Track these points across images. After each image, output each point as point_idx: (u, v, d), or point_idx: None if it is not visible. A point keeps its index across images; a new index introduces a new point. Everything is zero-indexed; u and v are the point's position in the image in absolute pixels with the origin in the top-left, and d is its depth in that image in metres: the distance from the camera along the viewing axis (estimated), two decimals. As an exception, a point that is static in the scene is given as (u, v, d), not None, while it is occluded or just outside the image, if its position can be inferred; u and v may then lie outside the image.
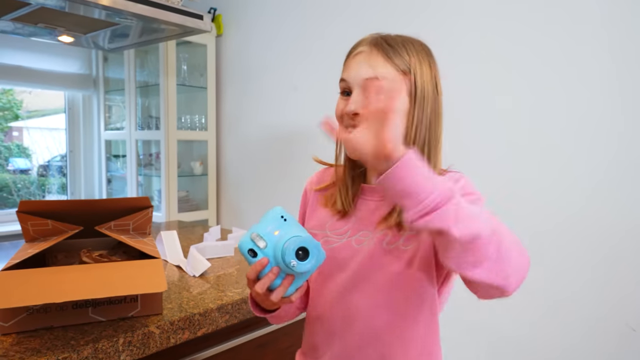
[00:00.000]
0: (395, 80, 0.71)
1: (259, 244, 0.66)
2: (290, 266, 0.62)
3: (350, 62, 0.76)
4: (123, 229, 1.05)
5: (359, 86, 0.73)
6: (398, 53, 0.72)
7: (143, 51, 2.73)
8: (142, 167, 2.78)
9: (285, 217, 0.68)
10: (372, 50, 0.73)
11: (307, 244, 0.62)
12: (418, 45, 0.75)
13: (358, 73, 0.73)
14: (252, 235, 0.66)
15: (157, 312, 0.94)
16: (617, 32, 1.44)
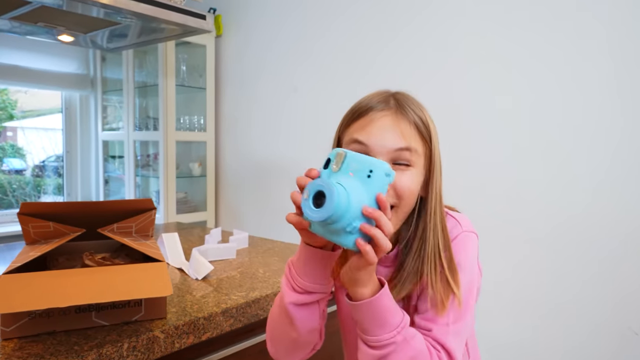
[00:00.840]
0: (419, 152, 0.67)
1: (335, 163, 0.58)
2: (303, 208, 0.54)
3: (373, 124, 0.67)
4: (126, 231, 1.04)
5: (384, 156, 0.66)
6: (419, 117, 0.68)
7: (142, 51, 2.71)
8: (139, 168, 2.75)
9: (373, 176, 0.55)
10: (399, 114, 0.67)
11: (327, 191, 0.52)
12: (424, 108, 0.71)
13: (384, 141, 0.66)
14: (343, 152, 0.58)
15: (161, 316, 0.92)
16: (618, 33, 1.44)
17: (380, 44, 2.00)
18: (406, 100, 0.70)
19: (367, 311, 0.60)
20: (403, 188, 0.65)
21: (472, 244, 0.71)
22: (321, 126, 2.24)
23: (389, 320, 0.61)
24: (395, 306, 0.62)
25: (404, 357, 0.61)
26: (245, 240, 1.58)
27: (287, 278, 0.70)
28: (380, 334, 0.61)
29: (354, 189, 0.54)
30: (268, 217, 2.49)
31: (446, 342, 0.65)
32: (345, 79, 2.13)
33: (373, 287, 0.61)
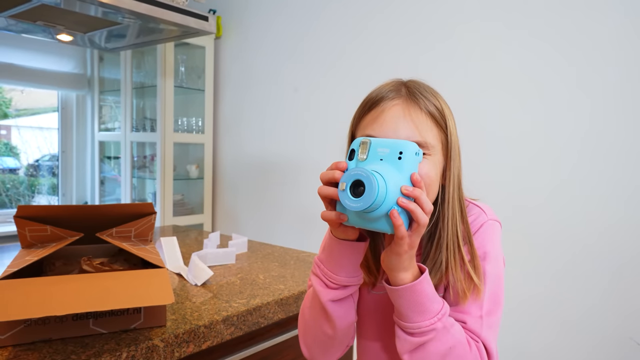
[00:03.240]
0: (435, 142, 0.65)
1: (361, 152, 0.57)
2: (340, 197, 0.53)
3: (384, 115, 0.66)
4: (125, 235, 1.01)
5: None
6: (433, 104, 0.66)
7: (140, 52, 2.68)
8: (136, 169, 2.73)
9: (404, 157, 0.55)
10: (410, 103, 0.65)
11: (365, 179, 0.51)
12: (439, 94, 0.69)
13: (397, 132, 0.64)
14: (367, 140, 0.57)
15: (161, 324, 0.90)
16: (628, 40, 1.44)
17: (381, 45, 1.99)
18: (418, 88, 0.68)
19: (408, 296, 0.60)
20: (423, 177, 0.63)
21: (498, 232, 0.70)
22: (322, 128, 2.22)
23: (429, 307, 0.60)
24: (435, 293, 0.61)
25: (444, 345, 0.60)
26: (244, 244, 1.56)
27: (318, 277, 0.69)
28: (420, 320, 0.60)
29: (388, 173, 0.53)
30: (266, 220, 2.47)
31: (481, 334, 0.64)
32: (345, 81, 2.11)
33: (414, 272, 0.60)
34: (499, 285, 0.68)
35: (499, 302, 0.67)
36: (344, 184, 0.53)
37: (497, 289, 0.68)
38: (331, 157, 2.19)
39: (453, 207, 0.66)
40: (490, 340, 0.65)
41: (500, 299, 0.68)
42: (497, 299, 0.67)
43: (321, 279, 0.68)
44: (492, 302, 0.67)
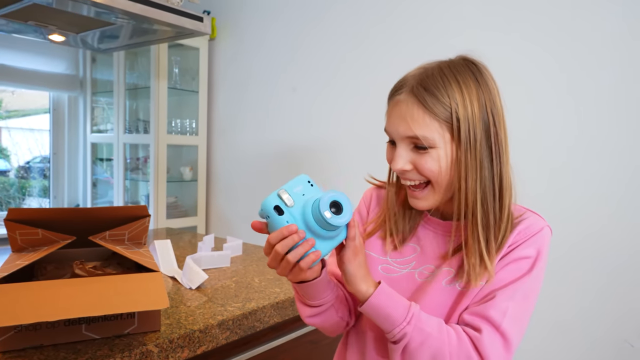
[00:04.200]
0: (435, 135, 0.66)
1: (287, 201, 0.62)
2: (324, 218, 0.60)
3: (391, 111, 0.71)
4: (118, 239, 1.00)
5: (402, 141, 0.69)
6: (438, 99, 0.65)
7: (133, 53, 2.66)
8: (129, 172, 2.70)
9: (312, 183, 0.66)
10: (409, 101, 0.67)
11: (340, 200, 0.61)
12: (465, 76, 0.67)
13: (398, 129, 0.69)
14: (280, 192, 0.63)
15: (155, 328, 0.88)
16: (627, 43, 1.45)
17: (377, 46, 1.98)
18: (429, 79, 0.67)
19: (371, 311, 0.66)
20: (424, 170, 0.68)
21: (550, 239, 0.72)
22: (317, 131, 2.22)
23: (393, 314, 0.65)
24: (397, 301, 0.66)
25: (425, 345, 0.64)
26: (239, 247, 1.54)
27: (295, 292, 0.75)
28: (389, 327, 0.65)
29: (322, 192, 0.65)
30: (260, 223, 2.45)
31: (502, 325, 0.64)
32: (343, 84, 2.11)
33: (371, 284, 0.67)
34: (537, 285, 0.69)
35: (532, 299, 0.68)
36: (327, 212, 0.61)
37: (535, 287, 0.68)
38: (328, 160, 2.19)
39: (468, 195, 0.67)
40: (512, 332, 0.65)
41: (533, 298, 0.69)
42: (531, 297, 0.68)
43: (298, 296, 0.75)
44: (525, 297, 0.67)
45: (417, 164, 0.68)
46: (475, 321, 0.66)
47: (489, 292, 0.67)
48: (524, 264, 0.68)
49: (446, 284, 0.71)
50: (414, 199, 0.71)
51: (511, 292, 0.66)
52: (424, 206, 0.71)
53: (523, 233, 0.69)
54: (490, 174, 0.67)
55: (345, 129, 2.10)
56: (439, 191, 0.69)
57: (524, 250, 0.68)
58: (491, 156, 0.67)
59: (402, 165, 0.69)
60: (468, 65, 0.69)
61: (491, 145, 0.67)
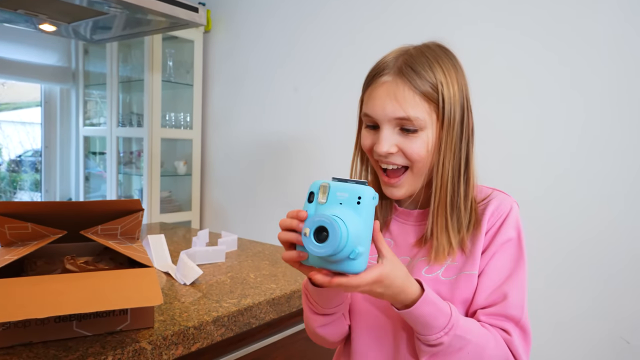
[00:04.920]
0: (425, 116, 0.66)
1: (321, 196, 0.59)
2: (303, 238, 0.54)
3: (374, 93, 0.68)
4: (110, 233, 0.97)
5: (389, 123, 0.67)
6: (426, 79, 0.65)
7: (126, 45, 2.62)
8: (122, 165, 2.67)
9: (362, 202, 0.56)
10: (398, 81, 0.66)
11: (329, 225, 0.52)
12: (444, 59, 0.68)
13: (384, 111, 0.66)
14: (326, 184, 0.58)
15: (149, 325, 0.86)
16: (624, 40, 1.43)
17: (373, 41, 1.96)
18: (415, 60, 0.67)
19: (409, 318, 0.63)
20: (412, 154, 0.67)
21: (519, 213, 0.72)
22: (313, 126, 2.19)
23: (433, 323, 0.62)
24: (440, 308, 0.62)
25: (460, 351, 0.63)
26: (234, 242, 1.52)
27: (307, 302, 0.73)
28: (427, 334, 0.63)
29: (348, 218, 0.55)
30: (255, 218, 2.43)
31: (521, 319, 0.67)
32: (341, 78, 2.08)
33: (411, 292, 0.61)
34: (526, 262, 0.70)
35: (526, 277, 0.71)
36: (307, 230, 0.54)
37: (526, 265, 0.70)
38: (325, 154, 2.17)
39: (443, 176, 0.67)
40: (527, 321, 0.68)
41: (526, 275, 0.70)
42: (526, 275, 0.70)
43: (309, 305, 0.73)
44: (524, 279, 0.69)
45: (404, 146, 0.67)
46: (500, 323, 0.67)
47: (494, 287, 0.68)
48: (510, 248, 0.69)
49: (426, 274, 0.70)
50: (391, 187, 0.70)
51: (516, 282, 0.68)
52: (401, 194, 0.70)
53: (495, 215, 0.70)
54: (459, 155, 0.68)
55: (341, 123, 2.08)
56: (417, 176, 0.69)
57: (505, 234, 0.69)
58: (461, 138, 0.68)
59: (387, 147, 0.67)
60: (444, 51, 0.70)
61: (463, 128, 0.68)
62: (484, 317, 0.67)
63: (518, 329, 0.67)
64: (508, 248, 0.69)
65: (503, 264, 0.69)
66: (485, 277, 0.68)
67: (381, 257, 0.58)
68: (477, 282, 0.68)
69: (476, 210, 0.70)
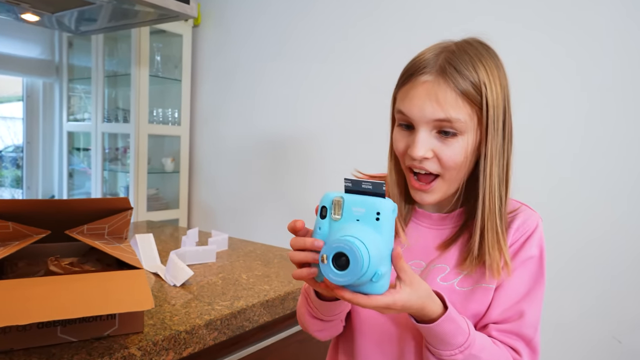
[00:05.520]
0: (467, 119, 0.62)
1: (334, 212, 0.54)
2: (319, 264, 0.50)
3: (412, 92, 0.63)
4: (97, 233, 0.93)
5: (426, 125, 0.62)
6: (469, 80, 0.61)
7: (112, 38, 2.55)
8: (107, 162, 2.60)
9: (382, 217, 0.52)
10: (440, 81, 0.61)
11: (349, 253, 0.48)
12: (487, 58, 0.64)
13: (423, 112, 0.62)
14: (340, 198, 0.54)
15: (138, 330, 0.82)
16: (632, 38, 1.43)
17: (365, 38, 1.94)
18: (457, 59, 0.62)
19: (427, 332, 0.60)
20: (448, 160, 0.63)
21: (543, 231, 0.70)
22: (305, 123, 2.16)
23: (450, 341, 0.60)
24: (459, 327, 0.60)
25: None
26: (224, 242, 1.48)
27: (306, 305, 0.70)
28: (441, 349, 0.60)
29: (368, 238, 0.50)
30: (244, 217, 2.39)
31: (533, 340, 0.66)
32: (334, 76, 2.05)
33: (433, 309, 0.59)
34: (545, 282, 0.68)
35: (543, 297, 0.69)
36: (325, 256, 0.49)
37: (544, 285, 0.68)
38: (318, 152, 2.14)
39: (491, 185, 0.64)
40: (538, 341, 0.66)
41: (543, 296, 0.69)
42: (543, 296, 0.68)
43: (308, 309, 0.70)
44: (541, 299, 0.67)
45: (440, 152, 0.63)
46: (511, 341, 0.65)
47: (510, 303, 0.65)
48: (531, 266, 0.67)
49: (442, 281, 0.67)
50: (422, 192, 0.66)
51: (533, 301, 0.65)
52: (432, 200, 0.66)
53: (521, 230, 0.67)
54: (502, 162, 0.65)
55: (333, 120, 2.05)
56: (449, 183, 0.65)
57: (528, 251, 0.66)
58: (503, 143, 0.64)
59: (423, 152, 0.62)
60: (486, 48, 0.65)
61: (505, 132, 0.64)
62: (495, 332, 0.65)
63: (529, 349, 0.65)
64: (529, 265, 0.66)
65: (522, 281, 0.66)
66: (503, 292, 0.66)
67: (399, 281, 0.55)
68: (493, 295, 0.66)
69: (506, 222, 0.67)
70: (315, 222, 0.56)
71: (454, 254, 0.67)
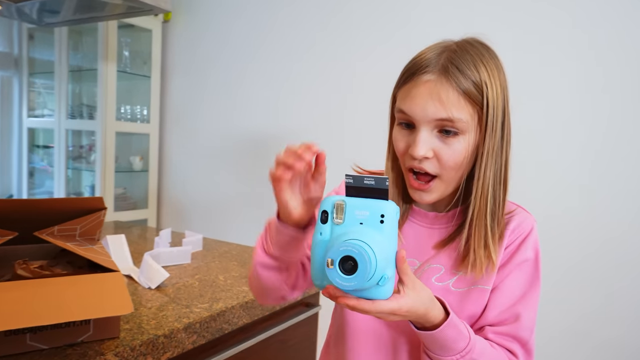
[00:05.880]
0: (469, 119, 0.62)
1: (336, 216, 0.52)
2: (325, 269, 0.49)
3: (414, 91, 0.63)
4: (68, 234, 0.88)
5: (428, 125, 0.62)
6: (470, 79, 0.61)
7: (77, 32, 2.45)
8: (71, 160, 2.49)
9: (386, 220, 0.51)
10: (443, 80, 0.61)
11: (358, 256, 0.46)
12: (487, 58, 0.63)
13: (426, 111, 0.61)
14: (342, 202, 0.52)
15: (114, 335, 0.79)
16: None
17: (345, 35, 1.93)
18: (459, 58, 0.62)
19: (429, 339, 0.60)
20: (448, 160, 0.63)
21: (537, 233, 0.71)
22: (282, 122, 2.14)
23: (452, 346, 0.59)
24: (461, 332, 0.59)
25: None
26: (199, 242, 1.45)
27: (262, 236, 0.67)
28: (442, 355, 0.60)
29: (374, 241, 0.49)
30: (216, 216, 2.34)
31: (528, 342, 0.66)
32: (307, 73, 2.04)
33: (435, 315, 0.58)
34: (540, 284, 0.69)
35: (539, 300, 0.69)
36: (331, 261, 0.48)
37: (540, 287, 0.68)
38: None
39: (484, 184, 0.64)
40: (533, 343, 0.67)
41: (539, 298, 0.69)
42: (539, 298, 0.68)
43: (263, 241, 0.66)
44: (537, 302, 0.68)
45: (441, 152, 0.62)
46: (507, 343, 0.65)
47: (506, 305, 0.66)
48: (527, 268, 0.67)
49: (437, 282, 0.67)
50: (421, 191, 0.66)
51: (529, 304, 0.66)
52: (431, 199, 0.66)
53: (516, 232, 0.68)
54: (500, 161, 0.65)
55: (311, 119, 2.03)
56: (448, 183, 0.65)
57: (523, 254, 0.67)
58: (502, 143, 0.65)
59: (424, 151, 0.62)
60: (486, 48, 0.65)
61: (504, 132, 0.65)
62: (492, 335, 0.65)
63: (524, 352, 0.65)
64: (525, 268, 0.67)
65: (518, 283, 0.66)
66: (499, 294, 0.66)
67: (403, 285, 0.54)
68: (489, 297, 0.66)
69: (503, 222, 0.67)
70: (316, 227, 0.54)
71: (449, 254, 0.67)
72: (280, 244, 0.63)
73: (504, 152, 0.65)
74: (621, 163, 1.45)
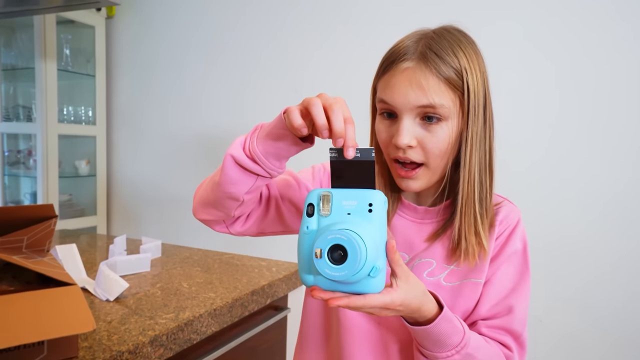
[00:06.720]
0: (450, 104, 0.61)
1: (322, 208, 0.50)
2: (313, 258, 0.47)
3: (394, 80, 0.62)
4: (14, 246, 0.80)
5: (410, 112, 0.61)
6: (450, 65, 0.60)
7: (9, 28, 2.26)
8: (7, 166, 2.30)
9: (374, 209, 0.49)
10: (422, 67, 0.60)
11: (347, 245, 0.45)
12: (466, 44, 0.63)
13: (407, 98, 0.60)
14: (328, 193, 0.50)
15: (72, 355, 0.72)
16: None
17: (299, 29, 1.91)
18: (437, 45, 0.61)
19: (423, 334, 0.58)
20: (432, 148, 0.62)
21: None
22: (235, 121, 2.08)
23: (446, 341, 0.58)
24: (455, 326, 0.58)
25: None
26: (158, 249, 1.37)
27: (244, 136, 0.62)
28: (436, 351, 0.59)
29: (364, 230, 0.47)
30: (171, 221, 2.24)
31: (522, 335, 0.66)
32: (263, 70, 1.99)
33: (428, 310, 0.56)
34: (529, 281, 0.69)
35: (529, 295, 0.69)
36: (319, 250, 0.46)
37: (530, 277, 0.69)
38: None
39: (470, 170, 0.63)
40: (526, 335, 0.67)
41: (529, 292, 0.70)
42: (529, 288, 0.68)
43: (247, 137, 0.61)
44: (528, 292, 0.67)
45: (424, 140, 0.61)
46: (501, 337, 0.65)
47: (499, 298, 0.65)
48: (517, 260, 0.68)
49: (428, 277, 0.66)
50: (407, 179, 0.64)
51: (521, 296, 0.66)
52: (418, 186, 0.65)
53: (505, 222, 0.68)
54: (484, 147, 0.65)
55: (269, 117, 1.98)
56: (433, 171, 0.64)
57: (513, 245, 0.67)
58: (485, 128, 0.64)
59: (408, 140, 0.61)
60: (464, 35, 0.65)
61: (486, 117, 0.64)
62: (485, 329, 0.65)
63: (517, 345, 0.65)
64: (515, 260, 0.67)
65: (509, 275, 0.67)
66: (491, 287, 0.66)
67: (395, 278, 0.52)
68: (481, 291, 0.66)
69: (492, 211, 0.67)
70: (302, 221, 0.52)
71: (440, 247, 0.67)
72: (271, 136, 0.58)
73: (488, 138, 0.65)
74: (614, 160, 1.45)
